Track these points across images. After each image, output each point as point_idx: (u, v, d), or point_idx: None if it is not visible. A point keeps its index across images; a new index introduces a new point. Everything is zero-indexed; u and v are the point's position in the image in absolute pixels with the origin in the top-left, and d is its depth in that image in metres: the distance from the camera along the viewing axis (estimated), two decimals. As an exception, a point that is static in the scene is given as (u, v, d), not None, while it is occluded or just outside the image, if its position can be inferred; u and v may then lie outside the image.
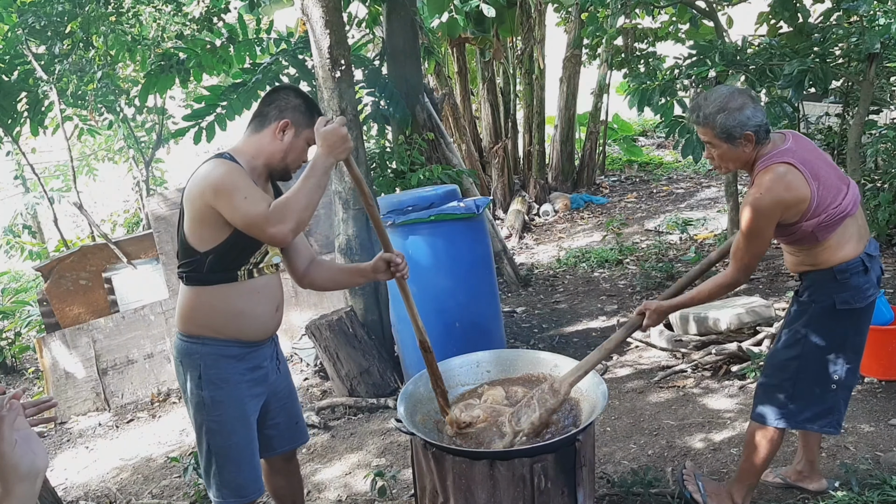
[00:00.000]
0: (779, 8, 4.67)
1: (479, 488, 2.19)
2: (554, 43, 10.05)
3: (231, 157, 2.21)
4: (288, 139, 2.26)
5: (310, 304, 5.50)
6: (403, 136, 5.79)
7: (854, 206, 2.41)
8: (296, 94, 2.31)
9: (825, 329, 2.47)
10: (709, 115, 2.38)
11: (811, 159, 2.36)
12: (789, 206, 2.31)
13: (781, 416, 2.56)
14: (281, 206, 2.07)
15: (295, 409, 2.57)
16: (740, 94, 2.39)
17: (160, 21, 6.33)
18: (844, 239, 2.40)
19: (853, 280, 2.42)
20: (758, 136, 2.36)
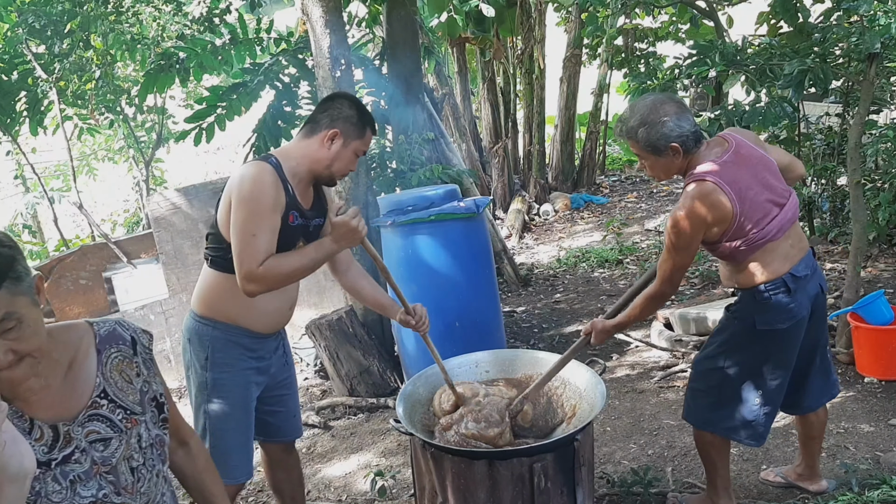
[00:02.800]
0: (779, 8, 4.66)
1: (478, 488, 2.19)
2: (554, 43, 10.05)
3: (277, 162, 2.23)
4: (336, 149, 2.27)
5: (310, 304, 5.49)
6: (403, 136, 5.79)
7: (780, 231, 2.36)
8: (350, 104, 2.32)
9: (746, 347, 2.47)
10: (631, 129, 2.38)
11: (742, 178, 2.31)
12: (711, 224, 2.31)
13: (706, 421, 2.58)
14: (270, 270, 2.11)
15: (294, 403, 2.63)
16: (663, 104, 2.36)
17: (160, 20, 6.33)
18: (766, 261, 2.37)
19: (773, 301, 2.38)
20: (685, 146, 2.34)
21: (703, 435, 2.62)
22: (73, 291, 5.63)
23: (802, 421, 2.75)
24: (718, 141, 2.44)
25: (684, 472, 3.16)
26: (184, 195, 5.56)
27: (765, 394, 2.49)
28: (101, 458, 1.38)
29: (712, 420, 2.56)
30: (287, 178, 2.23)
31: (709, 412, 2.57)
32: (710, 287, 5.47)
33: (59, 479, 1.32)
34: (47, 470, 1.32)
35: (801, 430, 2.78)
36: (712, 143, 2.43)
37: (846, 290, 3.89)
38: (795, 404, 2.69)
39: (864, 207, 4.07)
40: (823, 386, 2.68)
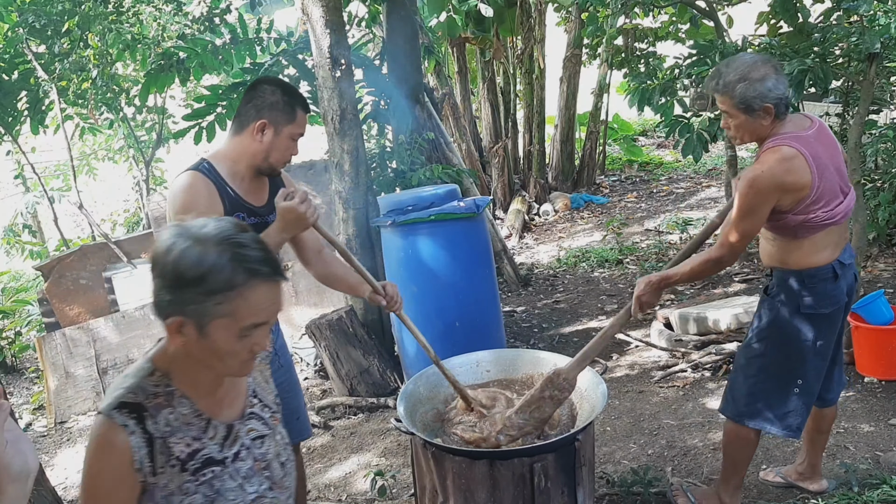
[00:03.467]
0: (779, 8, 4.67)
1: (478, 488, 2.19)
2: (554, 43, 10.04)
3: (209, 166, 2.19)
4: (268, 139, 2.22)
5: (310, 304, 5.49)
6: (403, 136, 5.79)
7: (844, 217, 2.37)
8: (273, 89, 2.23)
9: (789, 331, 2.44)
10: (729, 83, 2.30)
11: (822, 157, 2.30)
12: (787, 190, 2.25)
13: (743, 413, 2.55)
14: None
15: (296, 404, 2.59)
16: (763, 63, 2.30)
17: (160, 20, 6.32)
18: (822, 244, 2.37)
19: (821, 286, 2.38)
20: (777, 109, 2.28)
21: (738, 430, 2.58)
22: (73, 291, 5.63)
23: (818, 414, 2.72)
24: (801, 117, 2.41)
25: (684, 472, 3.16)
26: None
27: (804, 382, 2.47)
28: (260, 454, 1.45)
29: (750, 412, 2.53)
30: (225, 180, 2.19)
31: (744, 404, 2.53)
32: (710, 287, 5.47)
33: (234, 476, 1.38)
34: (224, 468, 1.37)
35: (814, 423, 2.75)
36: (796, 117, 2.39)
37: (846, 289, 3.89)
38: (824, 395, 2.68)
39: (863, 207, 4.07)
40: (840, 376, 2.71)
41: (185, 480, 1.34)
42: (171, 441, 1.33)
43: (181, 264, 1.27)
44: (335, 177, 4.45)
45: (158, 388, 1.36)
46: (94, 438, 1.33)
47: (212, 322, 1.28)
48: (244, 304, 1.26)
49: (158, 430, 1.33)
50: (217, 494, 1.35)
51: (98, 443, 1.32)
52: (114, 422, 1.31)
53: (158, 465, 1.32)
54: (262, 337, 1.32)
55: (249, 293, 1.26)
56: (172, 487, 1.33)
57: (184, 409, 1.37)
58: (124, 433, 1.30)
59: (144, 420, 1.32)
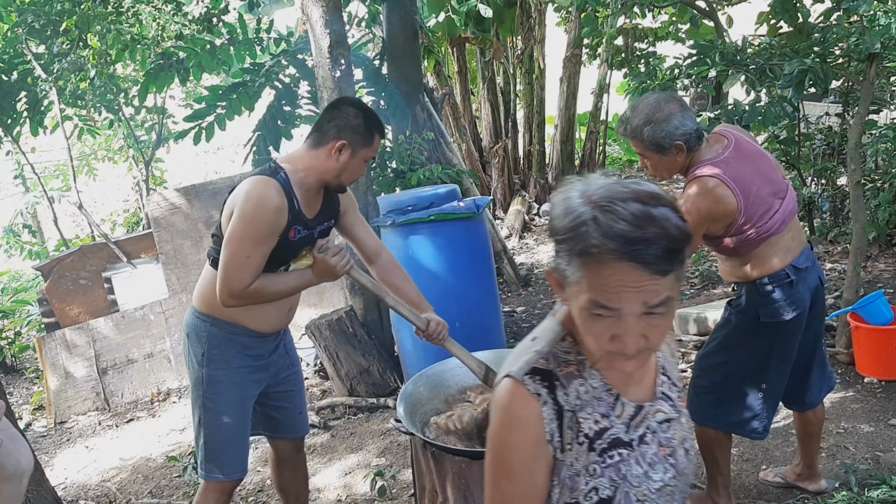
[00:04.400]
0: (779, 8, 4.67)
1: (478, 488, 2.19)
2: (554, 43, 10.03)
3: (286, 177, 2.23)
4: (344, 159, 2.27)
5: (310, 304, 5.49)
6: (403, 136, 5.79)
7: (783, 224, 2.37)
8: (357, 112, 2.30)
9: (750, 340, 2.47)
10: (636, 127, 2.36)
11: (744, 173, 2.32)
12: (715, 219, 2.31)
13: (710, 417, 2.59)
14: (254, 292, 2.18)
15: (300, 400, 2.65)
16: (667, 102, 2.36)
17: (160, 20, 6.32)
18: (768, 254, 2.38)
19: (777, 293, 2.40)
20: (688, 143, 2.34)
21: (707, 432, 2.62)
22: (73, 291, 5.63)
23: (801, 418, 2.75)
24: (717, 138, 2.44)
25: (684, 472, 3.15)
26: (184, 195, 5.55)
27: (768, 387, 2.50)
28: (666, 439, 1.28)
29: (716, 416, 2.57)
30: (294, 190, 2.23)
31: (712, 408, 2.57)
32: (710, 287, 5.47)
33: (640, 461, 1.24)
34: (630, 451, 1.23)
35: (800, 427, 2.78)
36: (711, 141, 2.43)
37: (846, 290, 3.89)
38: (799, 400, 2.70)
39: (863, 207, 4.07)
40: (822, 378, 2.71)
41: (591, 461, 1.20)
42: (580, 416, 1.19)
43: (554, 212, 1.13)
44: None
45: (570, 356, 1.22)
46: (503, 407, 1.20)
47: (567, 285, 1.13)
48: (592, 276, 1.07)
49: (569, 403, 1.19)
50: (623, 480, 1.21)
51: (509, 412, 1.19)
52: (526, 389, 1.18)
53: (566, 440, 1.18)
54: (622, 331, 1.09)
55: (599, 266, 1.06)
56: (578, 467, 1.19)
57: (594, 381, 1.21)
58: (537, 403, 1.17)
59: (555, 390, 1.18)
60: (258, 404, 2.53)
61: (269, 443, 2.70)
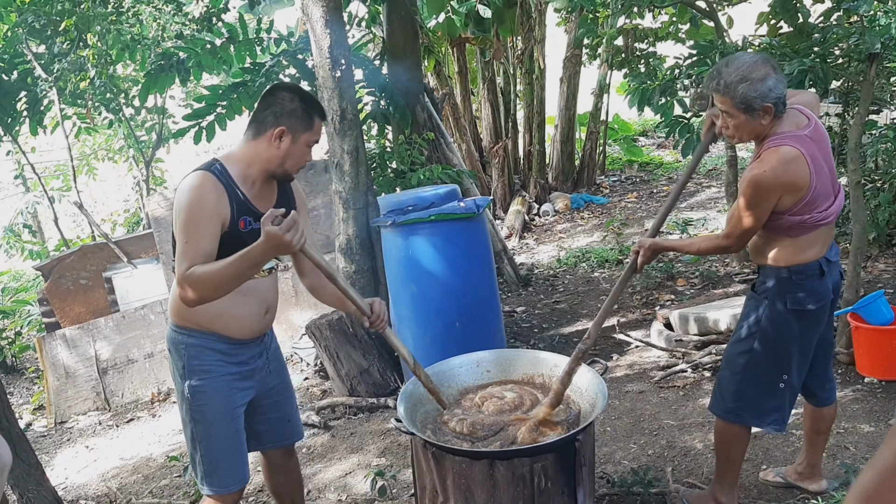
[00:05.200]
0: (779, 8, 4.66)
1: (478, 488, 2.19)
2: (554, 43, 10.04)
3: (221, 168, 2.20)
4: (285, 146, 2.22)
5: (310, 304, 5.49)
6: (403, 136, 5.79)
7: (835, 217, 2.41)
8: (292, 96, 2.24)
9: (775, 327, 2.47)
10: (730, 83, 2.29)
11: (818, 157, 2.33)
12: (788, 190, 2.28)
13: (729, 410, 2.58)
14: (196, 277, 2.06)
15: (287, 407, 2.58)
16: (763, 63, 2.31)
17: (160, 21, 6.32)
18: (812, 242, 2.40)
19: (808, 283, 2.41)
20: (777, 108, 2.29)
21: (728, 427, 2.61)
22: (74, 291, 5.63)
23: (815, 414, 2.75)
24: (797, 113, 2.41)
25: (684, 472, 3.16)
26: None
27: (789, 377, 2.50)
28: None
29: (736, 409, 2.56)
30: (236, 182, 2.20)
31: (733, 400, 2.56)
32: (711, 287, 5.48)
33: None
34: None
35: (812, 423, 2.77)
36: (791, 114, 2.39)
37: (846, 290, 3.90)
38: (818, 394, 2.71)
39: (863, 208, 4.07)
40: (833, 373, 2.75)
41: None
42: None
43: None
44: (335, 177, 4.45)
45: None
46: None
47: None
48: None
49: None
50: None
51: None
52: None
53: None
54: None
55: None
56: None
57: None
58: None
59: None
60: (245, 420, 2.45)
61: (260, 452, 2.65)
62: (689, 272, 5.91)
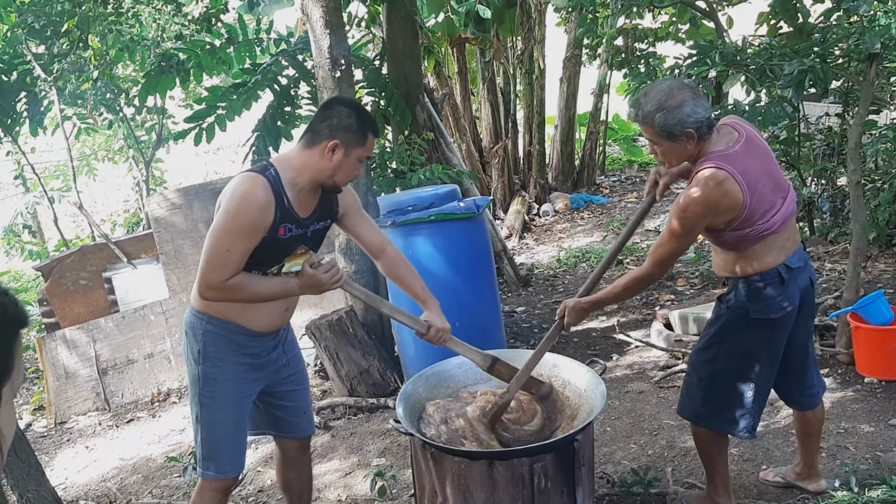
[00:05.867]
0: (779, 8, 4.66)
1: (478, 488, 2.19)
2: (554, 43, 10.04)
3: (276, 174, 2.24)
4: (337, 159, 2.26)
5: (310, 304, 5.49)
6: (403, 136, 5.79)
7: (783, 224, 2.38)
8: (349, 112, 2.29)
9: (739, 337, 2.48)
10: (648, 113, 2.33)
11: (753, 170, 2.31)
12: (720, 212, 2.30)
13: (699, 415, 2.60)
14: (234, 288, 2.19)
15: (303, 399, 2.65)
16: (680, 89, 2.33)
17: (160, 21, 6.32)
18: (764, 252, 2.39)
19: (767, 291, 2.41)
20: (699, 132, 2.31)
21: (700, 431, 2.63)
22: (74, 291, 5.63)
23: (801, 418, 2.76)
24: (727, 129, 2.42)
25: (684, 473, 3.16)
26: (184, 195, 5.55)
27: (756, 385, 2.51)
28: None
29: (704, 414, 2.58)
30: (284, 188, 2.23)
31: (701, 406, 2.58)
32: (710, 287, 5.47)
33: None
34: None
35: (800, 427, 2.79)
36: (722, 132, 2.41)
37: (846, 290, 3.89)
38: (799, 400, 2.71)
39: (863, 208, 4.07)
40: (817, 378, 2.73)
41: None
42: None
43: None
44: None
45: None
46: None
47: None
48: None
49: None
50: None
51: None
52: None
53: None
54: None
55: None
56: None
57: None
58: None
59: None
60: (262, 403, 2.53)
61: (275, 441, 2.71)
62: (688, 272, 5.91)
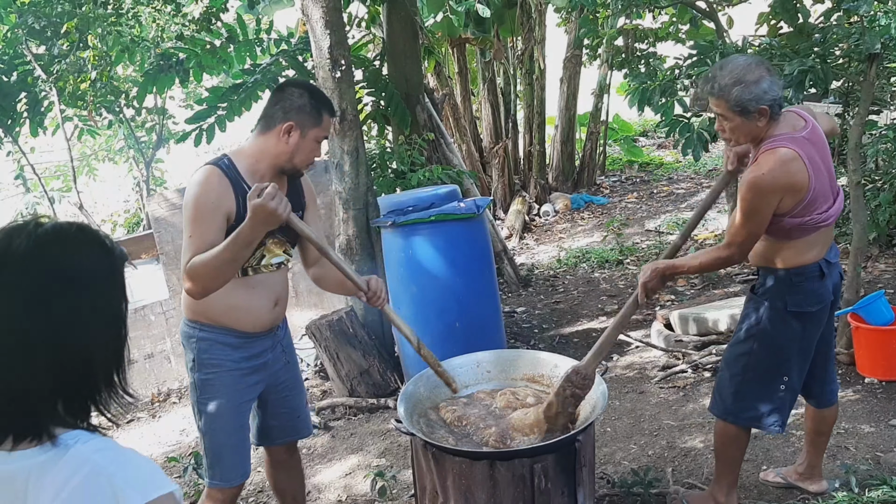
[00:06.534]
0: (779, 8, 4.66)
1: (478, 489, 2.19)
2: (554, 43, 10.04)
3: (229, 162, 2.23)
4: (294, 141, 2.24)
5: (310, 305, 5.49)
6: (403, 137, 5.79)
7: (835, 219, 2.40)
8: (301, 92, 2.27)
9: (775, 329, 2.46)
10: (724, 86, 2.29)
11: (816, 158, 2.31)
12: (787, 192, 2.26)
13: (729, 411, 2.58)
14: (195, 266, 2.10)
15: (298, 403, 2.61)
16: (757, 65, 2.30)
17: (160, 21, 6.32)
18: (812, 244, 2.39)
19: (807, 284, 2.41)
20: (772, 110, 2.28)
21: (727, 428, 2.60)
22: (74, 292, 5.63)
23: (816, 416, 2.75)
24: (794, 116, 2.40)
25: (685, 473, 3.16)
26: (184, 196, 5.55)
27: (789, 379, 2.49)
28: None
29: (735, 410, 2.56)
30: (243, 177, 2.22)
31: (732, 401, 2.56)
32: (711, 287, 5.47)
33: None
34: None
35: (814, 424, 2.77)
36: (789, 117, 2.38)
37: (846, 290, 3.89)
38: (819, 395, 2.71)
39: (864, 208, 4.07)
40: (835, 374, 2.75)
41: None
42: None
43: None
44: (335, 177, 4.45)
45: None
46: None
47: None
48: None
49: None
50: None
51: None
52: None
53: None
54: None
55: None
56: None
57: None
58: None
59: None
60: (256, 413, 2.51)
61: (263, 447, 2.68)
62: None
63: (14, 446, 1.02)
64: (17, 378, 1.01)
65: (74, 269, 1.04)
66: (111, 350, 1.08)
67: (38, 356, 1.01)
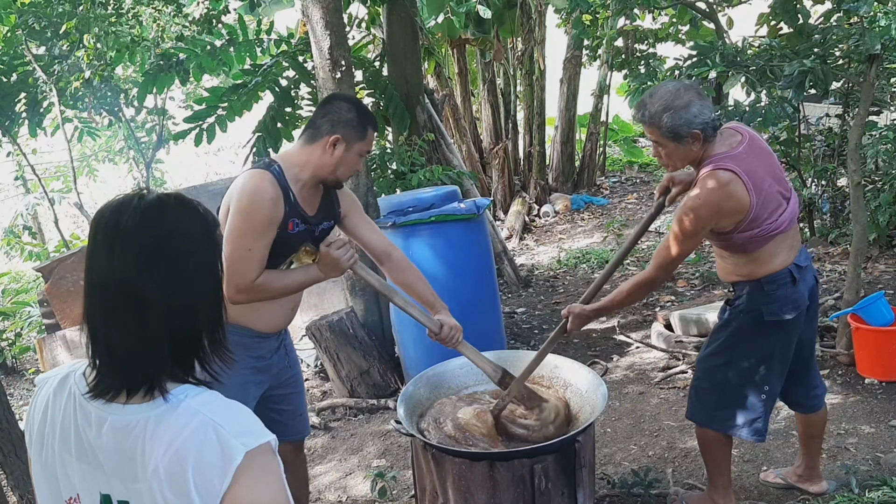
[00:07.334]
0: (779, 9, 4.67)
1: (478, 489, 2.19)
2: (554, 44, 10.04)
3: (280, 170, 2.25)
4: (338, 154, 2.28)
5: (310, 305, 5.49)
6: (403, 137, 5.79)
7: (790, 223, 2.38)
8: (349, 106, 2.32)
9: (753, 340, 2.47)
10: (654, 114, 2.32)
11: (758, 170, 2.31)
12: (726, 214, 2.28)
13: (711, 419, 2.59)
14: (261, 286, 2.20)
15: (300, 402, 2.65)
16: (686, 90, 2.33)
17: (160, 22, 6.32)
18: (774, 252, 2.38)
19: (780, 292, 2.40)
20: (705, 133, 2.31)
21: (707, 433, 2.62)
22: (74, 292, 5.63)
23: (805, 420, 2.76)
24: (730, 132, 2.42)
25: (685, 473, 3.16)
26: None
27: (769, 387, 2.50)
28: None
29: (717, 418, 2.57)
30: (289, 184, 2.25)
31: (713, 410, 2.57)
32: (711, 288, 5.47)
33: None
34: None
35: (803, 429, 2.78)
36: (726, 134, 2.41)
37: (846, 291, 3.89)
38: (803, 402, 2.71)
39: (864, 209, 4.07)
40: (819, 379, 2.74)
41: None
42: None
43: None
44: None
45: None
46: None
47: None
48: None
49: None
50: None
51: None
52: None
53: None
54: None
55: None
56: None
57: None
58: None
59: None
60: (259, 407, 2.53)
61: None
62: (689, 273, 5.91)
63: (128, 400, 1.11)
64: (135, 337, 1.10)
65: (178, 233, 1.14)
66: (213, 307, 1.18)
67: (152, 315, 1.10)
